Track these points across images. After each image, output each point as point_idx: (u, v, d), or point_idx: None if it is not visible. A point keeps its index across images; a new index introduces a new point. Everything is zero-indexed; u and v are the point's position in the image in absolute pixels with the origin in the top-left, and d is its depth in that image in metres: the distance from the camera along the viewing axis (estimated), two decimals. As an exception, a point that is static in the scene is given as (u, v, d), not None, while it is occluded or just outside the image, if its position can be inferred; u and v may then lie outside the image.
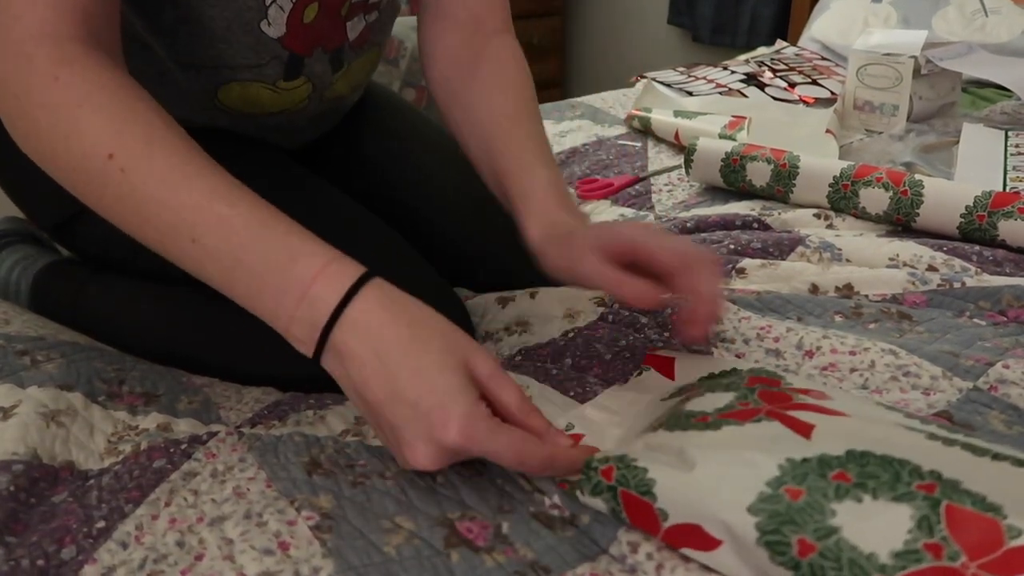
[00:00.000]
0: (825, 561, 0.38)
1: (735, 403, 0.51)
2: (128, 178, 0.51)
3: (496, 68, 0.78)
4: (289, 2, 0.69)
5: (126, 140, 0.52)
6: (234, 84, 0.74)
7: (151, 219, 0.52)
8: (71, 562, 0.45)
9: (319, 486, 0.49)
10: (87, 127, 0.52)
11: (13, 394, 0.58)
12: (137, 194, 0.51)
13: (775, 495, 0.41)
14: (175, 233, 0.51)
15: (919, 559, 0.37)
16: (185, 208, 0.51)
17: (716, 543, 0.41)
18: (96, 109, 0.52)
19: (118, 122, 0.52)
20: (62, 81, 0.52)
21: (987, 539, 0.37)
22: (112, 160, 0.51)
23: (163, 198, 0.51)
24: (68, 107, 0.52)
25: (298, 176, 0.80)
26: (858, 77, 1.32)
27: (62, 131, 0.52)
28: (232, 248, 0.51)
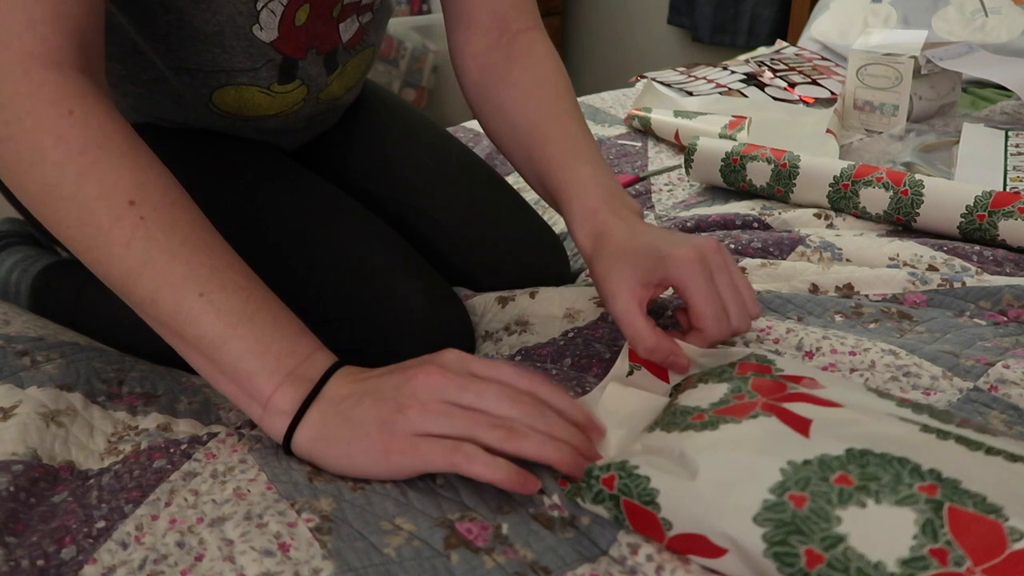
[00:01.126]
0: (834, 572, 0.38)
1: (730, 396, 0.51)
2: (147, 226, 0.51)
3: (528, 67, 0.76)
4: (280, 5, 0.68)
5: (149, 191, 0.52)
6: (229, 88, 0.74)
7: (159, 268, 0.51)
8: (71, 562, 0.45)
9: (319, 489, 0.49)
10: (107, 170, 0.51)
11: (13, 394, 0.58)
12: (152, 243, 0.51)
13: (780, 503, 0.41)
14: (182, 284, 0.51)
15: (926, 566, 0.37)
16: (203, 267, 0.52)
17: (722, 552, 0.42)
18: (118, 154, 0.52)
19: (141, 171, 0.53)
20: (77, 115, 0.52)
21: (990, 542, 0.37)
22: (133, 207, 0.51)
23: (181, 253, 0.52)
24: (87, 145, 0.51)
25: (297, 176, 0.80)
26: (858, 77, 1.32)
27: (76, 167, 0.51)
28: (246, 308, 0.52)
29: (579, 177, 0.68)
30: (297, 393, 0.52)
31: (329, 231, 0.75)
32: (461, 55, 0.79)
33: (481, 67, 0.77)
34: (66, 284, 0.84)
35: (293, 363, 0.52)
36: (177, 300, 0.51)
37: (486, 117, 0.78)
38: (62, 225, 0.52)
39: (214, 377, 0.53)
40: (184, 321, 0.51)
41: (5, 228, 0.99)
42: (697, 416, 0.49)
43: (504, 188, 0.94)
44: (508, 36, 0.77)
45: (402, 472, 0.49)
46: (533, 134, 0.72)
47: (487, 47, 0.77)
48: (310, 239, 0.74)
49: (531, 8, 0.80)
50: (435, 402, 0.50)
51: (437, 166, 0.93)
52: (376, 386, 0.51)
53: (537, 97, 0.74)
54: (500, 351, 0.72)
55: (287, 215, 0.75)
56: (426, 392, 0.50)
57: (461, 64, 0.79)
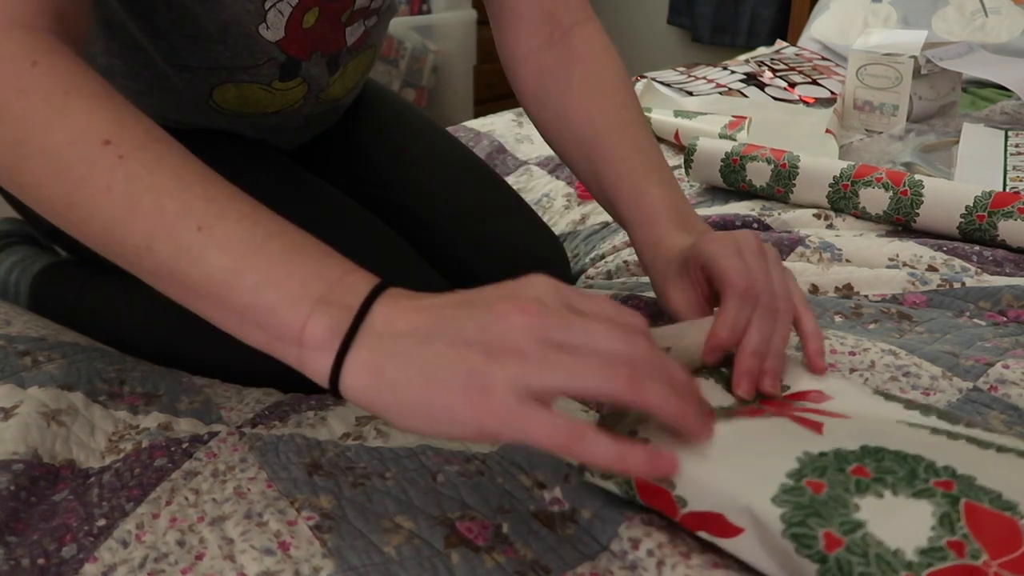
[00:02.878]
0: (852, 556, 0.38)
1: (738, 404, 0.51)
2: (127, 165, 0.44)
3: (590, 70, 0.72)
4: (289, 6, 0.68)
5: (126, 129, 0.46)
6: (229, 85, 0.74)
7: (146, 209, 0.44)
8: (72, 560, 0.45)
9: (320, 487, 0.50)
10: (76, 113, 0.46)
11: (14, 394, 0.58)
12: (136, 182, 0.44)
13: (797, 487, 0.41)
14: (175, 222, 0.44)
15: (944, 557, 0.37)
16: (197, 200, 0.44)
17: (737, 531, 0.41)
18: (88, 96, 0.46)
19: (113, 111, 0.47)
20: (42, 66, 0.46)
21: (1007, 538, 0.37)
22: (108, 146, 0.45)
23: (170, 188, 0.44)
24: (52, 92, 0.46)
25: (296, 176, 0.80)
26: (858, 77, 1.32)
27: (42, 116, 0.45)
28: (253, 236, 0.44)
29: (649, 200, 0.65)
30: (334, 322, 0.42)
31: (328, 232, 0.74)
32: (512, 56, 0.75)
33: (538, 70, 0.73)
34: (66, 284, 0.84)
35: (322, 287, 0.43)
36: (174, 240, 0.43)
37: (546, 123, 0.74)
38: (35, 186, 0.46)
39: (235, 325, 0.44)
40: (187, 263, 0.43)
41: (5, 228, 0.99)
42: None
43: (504, 188, 0.94)
44: (560, 31, 0.73)
45: (498, 440, 0.39)
46: (599, 147, 0.68)
47: (539, 45, 0.73)
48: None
49: (581, 1, 0.75)
50: (536, 345, 0.39)
51: (437, 166, 0.93)
52: (451, 321, 0.41)
53: (602, 106, 0.70)
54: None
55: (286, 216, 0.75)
56: (523, 333, 0.39)
57: (514, 66, 0.75)
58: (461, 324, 0.40)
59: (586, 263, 0.95)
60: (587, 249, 0.99)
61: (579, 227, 1.05)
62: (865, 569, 0.37)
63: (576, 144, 0.71)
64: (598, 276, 0.90)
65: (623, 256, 0.91)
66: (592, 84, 0.71)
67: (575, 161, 0.72)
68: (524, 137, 1.38)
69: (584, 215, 1.08)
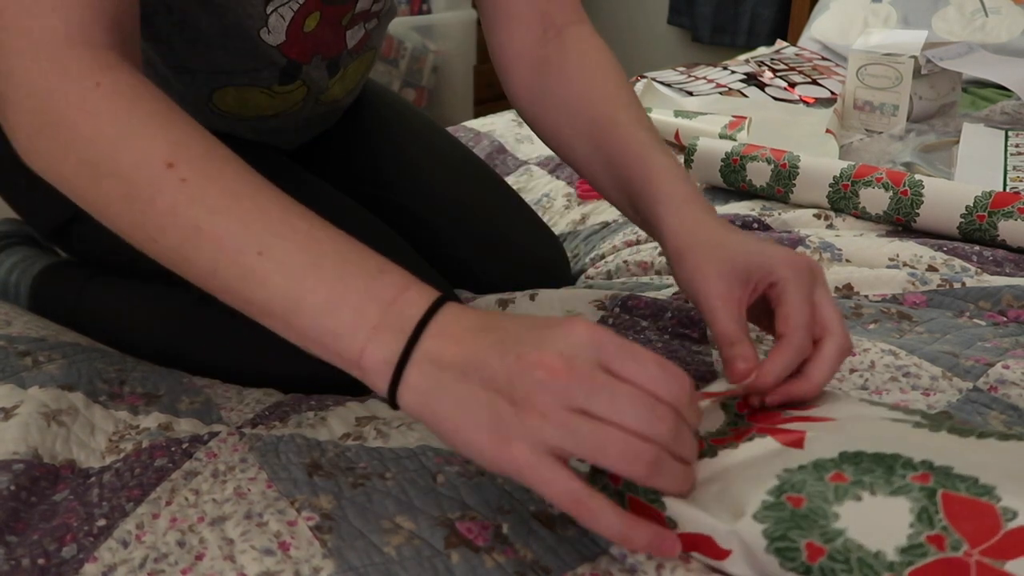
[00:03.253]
0: (835, 563, 0.38)
1: (726, 428, 0.51)
2: (189, 188, 0.46)
3: (587, 59, 0.71)
4: (290, 11, 0.68)
5: (187, 151, 0.48)
6: (229, 88, 0.74)
7: (209, 232, 0.46)
8: (72, 560, 0.45)
9: (320, 487, 0.50)
10: (140, 135, 0.48)
11: (15, 394, 0.58)
12: (198, 205, 0.46)
13: (778, 503, 0.41)
14: (238, 244, 0.46)
15: (924, 553, 0.37)
16: (255, 218, 0.46)
17: (726, 553, 0.42)
18: (150, 116, 0.48)
19: (175, 132, 0.48)
20: (105, 86, 0.48)
21: (985, 524, 0.37)
22: (172, 169, 0.47)
23: (229, 209, 0.46)
24: (117, 114, 0.48)
25: (297, 177, 0.80)
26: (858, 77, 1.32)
27: (109, 138, 0.47)
28: (309, 255, 0.46)
29: (663, 164, 0.62)
30: (387, 350, 0.43)
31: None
32: (505, 53, 0.74)
33: (531, 63, 0.72)
34: (66, 285, 0.84)
35: (376, 314, 0.44)
36: (237, 264, 0.45)
37: (541, 113, 0.72)
38: (105, 206, 0.48)
39: (302, 343, 0.47)
40: (251, 287, 0.46)
41: (5, 229, 0.99)
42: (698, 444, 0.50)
43: (504, 188, 0.94)
44: (554, 30, 0.72)
45: (516, 479, 0.41)
46: (603, 122, 0.66)
47: (533, 42, 0.73)
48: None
49: (574, 2, 0.75)
50: (558, 410, 0.40)
51: (437, 167, 0.93)
52: (486, 360, 0.42)
53: (602, 86, 0.69)
54: (500, 351, 0.72)
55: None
56: (547, 396, 0.40)
57: (506, 63, 0.74)
58: (494, 368, 0.41)
59: (586, 263, 0.95)
60: (587, 249, 0.99)
61: (579, 227, 1.05)
62: (848, 575, 0.37)
63: (575, 122, 0.69)
64: (598, 276, 0.90)
65: (623, 256, 0.91)
66: (590, 70, 0.70)
67: (574, 141, 0.69)
68: (524, 137, 1.38)
69: (584, 215, 1.08)
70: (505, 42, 0.74)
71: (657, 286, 0.80)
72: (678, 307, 0.71)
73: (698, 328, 0.69)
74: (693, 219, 0.58)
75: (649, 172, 0.61)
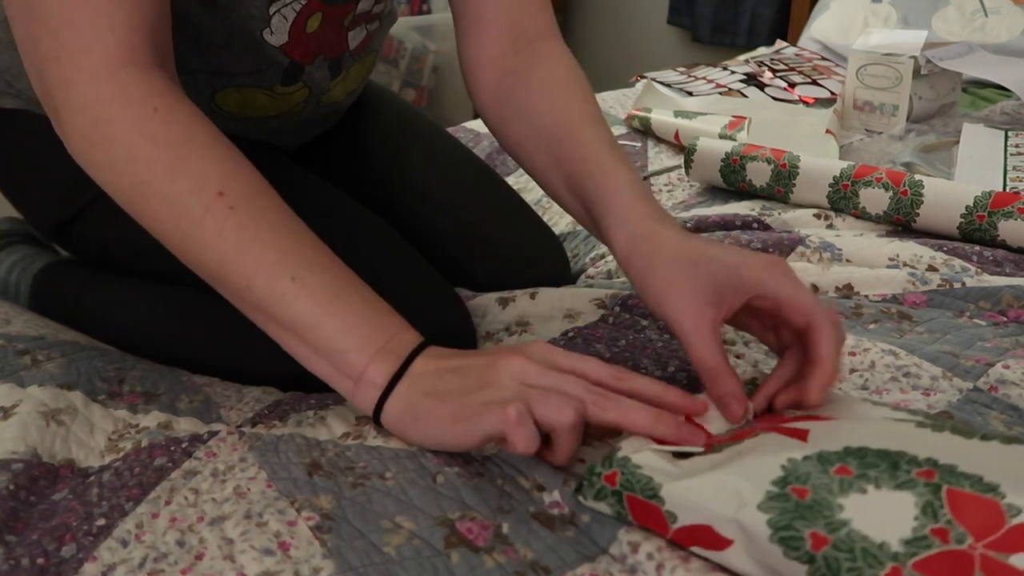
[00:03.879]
0: (839, 553, 0.38)
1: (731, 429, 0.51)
2: (236, 215, 0.53)
3: (552, 72, 0.72)
4: (293, 11, 0.68)
5: (235, 181, 0.54)
6: (231, 89, 0.74)
7: (252, 255, 0.53)
8: (71, 560, 0.45)
9: (320, 487, 0.49)
10: (195, 163, 0.54)
11: (13, 393, 0.58)
12: (243, 232, 0.53)
13: (782, 494, 0.41)
14: (274, 270, 0.53)
15: (928, 545, 0.37)
16: (292, 252, 0.54)
17: (727, 543, 0.42)
18: (203, 147, 0.54)
19: (225, 163, 0.55)
20: (162, 113, 0.54)
21: (989, 519, 0.38)
22: (222, 197, 0.53)
23: (270, 240, 0.54)
24: (174, 141, 0.54)
25: (298, 177, 0.80)
26: (858, 77, 1.32)
27: (165, 163, 0.53)
28: (335, 288, 0.54)
29: (621, 178, 0.63)
30: (388, 367, 0.53)
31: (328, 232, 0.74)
32: (474, 61, 0.75)
33: (499, 72, 0.74)
34: (66, 283, 0.84)
35: (383, 340, 0.54)
36: (271, 285, 0.53)
37: (504, 122, 0.73)
38: (156, 220, 0.54)
39: (306, 356, 0.55)
40: (279, 305, 0.53)
41: (5, 227, 0.99)
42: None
43: (504, 189, 0.94)
44: (525, 41, 0.74)
45: (466, 438, 0.50)
46: (564, 136, 0.68)
47: (502, 52, 0.74)
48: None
49: (547, 16, 0.76)
50: (514, 382, 0.50)
51: (437, 166, 0.93)
52: (463, 365, 0.53)
53: (566, 100, 0.70)
54: (500, 351, 0.72)
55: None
56: (507, 373, 0.51)
57: (475, 69, 0.75)
58: (468, 366, 0.53)
59: (586, 263, 0.95)
60: (587, 249, 0.99)
61: (579, 227, 1.05)
62: (852, 564, 0.38)
63: (537, 134, 0.70)
64: (598, 276, 0.90)
65: (623, 256, 0.90)
66: (555, 82, 0.71)
67: (535, 153, 0.70)
68: (524, 137, 1.38)
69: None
70: (475, 48, 0.75)
71: (657, 286, 0.80)
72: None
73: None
74: (645, 236, 0.58)
75: (608, 189, 0.62)
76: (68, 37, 0.53)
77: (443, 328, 0.71)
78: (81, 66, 0.53)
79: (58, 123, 0.56)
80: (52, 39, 0.53)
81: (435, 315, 0.72)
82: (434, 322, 0.71)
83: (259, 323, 0.55)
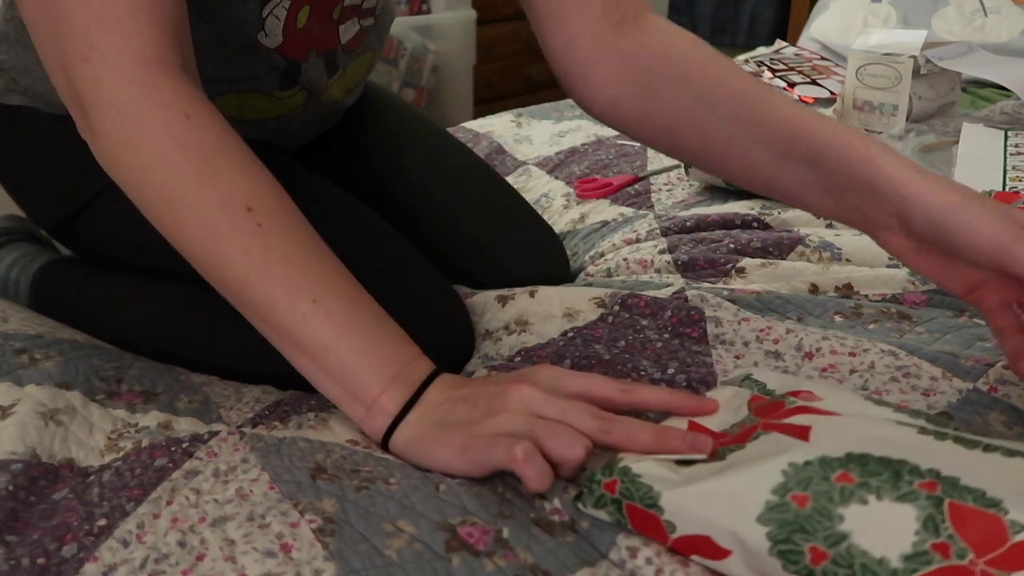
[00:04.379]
0: (838, 568, 0.38)
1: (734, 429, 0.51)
2: (263, 233, 0.53)
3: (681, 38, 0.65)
4: (284, 9, 0.68)
5: (264, 199, 0.54)
6: (230, 95, 0.74)
7: (275, 274, 0.53)
8: (72, 559, 0.45)
9: (323, 490, 0.49)
10: (226, 177, 0.53)
11: (11, 392, 0.58)
12: (269, 250, 0.53)
13: (782, 503, 0.41)
14: (297, 290, 0.53)
15: (928, 560, 0.37)
16: (316, 274, 0.54)
17: (726, 553, 0.42)
18: (234, 160, 0.54)
19: (255, 178, 0.55)
20: (194, 120, 0.53)
21: (992, 535, 0.37)
22: (251, 213, 0.53)
23: (296, 259, 0.54)
24: (206, 151, 0.53)
25: (299, 176, 0.80)
26: (857, 77, 1.32)
27: (196, 172, 0.53)
28: (354, 312, 0.54)
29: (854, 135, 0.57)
30: (400, 396, 0.54)
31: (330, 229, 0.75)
32: (574, 49, 0.66)
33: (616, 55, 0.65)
34: (66, 281, 0.84)
35: (397, 368, 0.54)
36: (292, 305, 0.53)
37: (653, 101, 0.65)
38: (180, 229, 0.53)
39: (319, 379, 0.55)
40: (297, 326, 0.53)
41: (5, 225, 0.99)
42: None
43: (504, 187, 0.94)
44: (631, 19, 0.66)
45: (475, 468, 0.50)
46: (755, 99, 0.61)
47: (608, 32, 0.65)
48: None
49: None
50: (522, 411, 0.51)
51: (436, 165, 0.93)
52: (472, 394, 0.53)
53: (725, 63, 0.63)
54: (500, 351, 0.72)
55: None
56: (515, 402, 0.51)
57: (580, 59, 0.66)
58: (478, 395, 0.53)
59: (585, 261, 0.95)
60: (586, 247, 0.99)
61: (578, 226, 1.05)
62: None
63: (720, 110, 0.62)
64: (598, 274, 0.90)
65: (623, 254, 0.91)
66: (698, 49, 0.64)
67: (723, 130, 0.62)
68: (523, 138, 1.38)
69: (583, 214, 1.08)
70: (575, 36, 0.66)
71: (657, 285, 0.80)
72: (678, 306, 0.71)
73: (698, 327, 0.69)
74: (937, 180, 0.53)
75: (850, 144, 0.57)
76: (96, 36, 0.52)
77: (442, 327, 0.72)
78: (112, 64, 0.52)
79: (86, 123, 0.55)
80: (80, 38, 0.52)
81: (434, 313, 0.72)
82: (433, 320, 0.71)
83: (273, 340, 0.55)
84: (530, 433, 0.49)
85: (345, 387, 0.54)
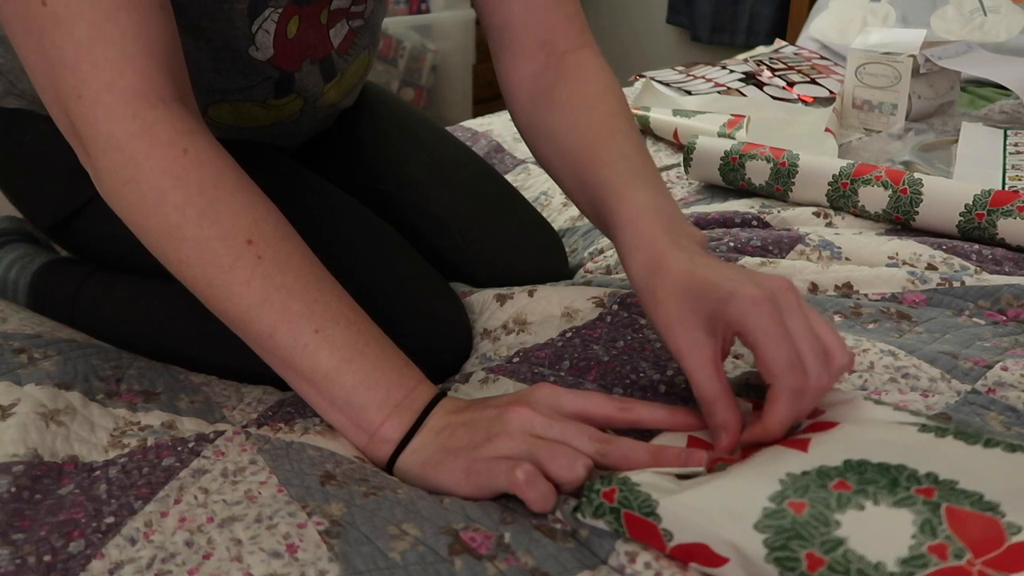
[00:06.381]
0: (835, 574, 0.38)
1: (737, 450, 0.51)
2: (264, 265, 0.53)
3: (578, 87, 0.71)
4: (273, 23, 0.68)
5: (264, 230, 0.54)
6: (225, 104, 0.74)
7: (277, 305, 0.53)
8: (79, 556, 0.44)
9: (332, 495, 0.49)
10: (225, 209, 0.53)
11: (11, 392, 0.58)
12: (270, 281, 0.53)
13: (779, 510, 0.41)
14: (298, 321, 0.53)
15: (925, 563, 0.37)
16: (316, 303, 0.54)
17: (723, 561, 0.42)
18: (232, 192, 0.54)
19: (254, 209, 0.55)
20: (192, 155, 0.53)
21: (989, 536, 0.38)
22: (251, 246, 0.53)
23: (296, 290, 0.54)
24: (204, 185, 0.53)
25: (298, 175, 0.80)
26: (857, 76, 1.32)
27: (196, 207, 0.53)
28: (357, 342, 0.55)
29: (635, 203, 0.61)
30: (403, 424, 0.54)
31: (328, 229, 0.75)
32: (508, 80, 0.75)
33: (530, 93, 0.73)
34: (65, 281, 0.84)
35: (400, 395, 0.55)
36: (294, 336, 0.53)
37: (535, 143, 0.73)
38: (184, 264, 0.54)
39: (322, 407, 0.55)
40: (300, 356, 0.54)
41: (4, 226, 0.99)
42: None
43: (503, 185, 0.94)
44: (556, 56, 0.72)
45: (478, 492, 0.50)
46: (584, 158, 0.66)
47: (534, 72, 0.73)
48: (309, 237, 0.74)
49: (579, 27, 0.75)
50: (522, 434, 0.51)
51: (435, 164, 0.93)
52: (473, 418, 0.53)
53: (588, 119, 0.68)
54: (498, 351, 0.72)
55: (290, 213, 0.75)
56: (514, 425, 0.52)
57: (509, 90, 0.75)
58: (479, 419, 0.53)
59: (584, 258, 0.95)
60: (586, 244, 0.99)
61: (577, 223, 1.05)
62: None
63: (562, 158, 0.69)
64: (597, 271, 0.90)
65: (622, 254, 0.90)
66: (579, 99, 0.70)
67: (563, 177, 0.70)
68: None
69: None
70: (508, 71, 0.75)
71: (656, 285, 0.80)
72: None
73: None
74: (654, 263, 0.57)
75: (621, 218, 0.61)
76: (88, 74, 0.51)
77: (439, 326, 0.72)
78: (105, 103, 0.52)
79: (86, 159, 0.55)
80: (71, 76, 0.52)
81: (432, 312, 0.72)
82: (430, 319, 0.71)
83: (277, 369, 0.56)
84: (531, 455, 0.49)
85: (349, 416, 0.55)
